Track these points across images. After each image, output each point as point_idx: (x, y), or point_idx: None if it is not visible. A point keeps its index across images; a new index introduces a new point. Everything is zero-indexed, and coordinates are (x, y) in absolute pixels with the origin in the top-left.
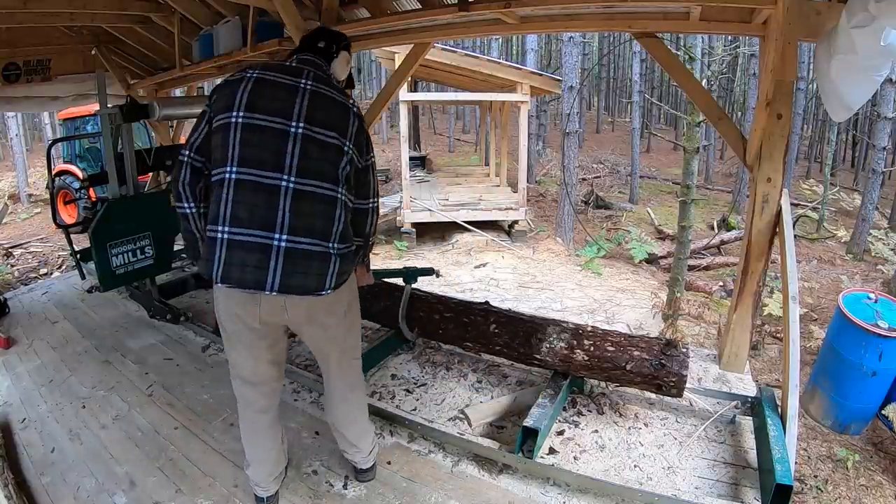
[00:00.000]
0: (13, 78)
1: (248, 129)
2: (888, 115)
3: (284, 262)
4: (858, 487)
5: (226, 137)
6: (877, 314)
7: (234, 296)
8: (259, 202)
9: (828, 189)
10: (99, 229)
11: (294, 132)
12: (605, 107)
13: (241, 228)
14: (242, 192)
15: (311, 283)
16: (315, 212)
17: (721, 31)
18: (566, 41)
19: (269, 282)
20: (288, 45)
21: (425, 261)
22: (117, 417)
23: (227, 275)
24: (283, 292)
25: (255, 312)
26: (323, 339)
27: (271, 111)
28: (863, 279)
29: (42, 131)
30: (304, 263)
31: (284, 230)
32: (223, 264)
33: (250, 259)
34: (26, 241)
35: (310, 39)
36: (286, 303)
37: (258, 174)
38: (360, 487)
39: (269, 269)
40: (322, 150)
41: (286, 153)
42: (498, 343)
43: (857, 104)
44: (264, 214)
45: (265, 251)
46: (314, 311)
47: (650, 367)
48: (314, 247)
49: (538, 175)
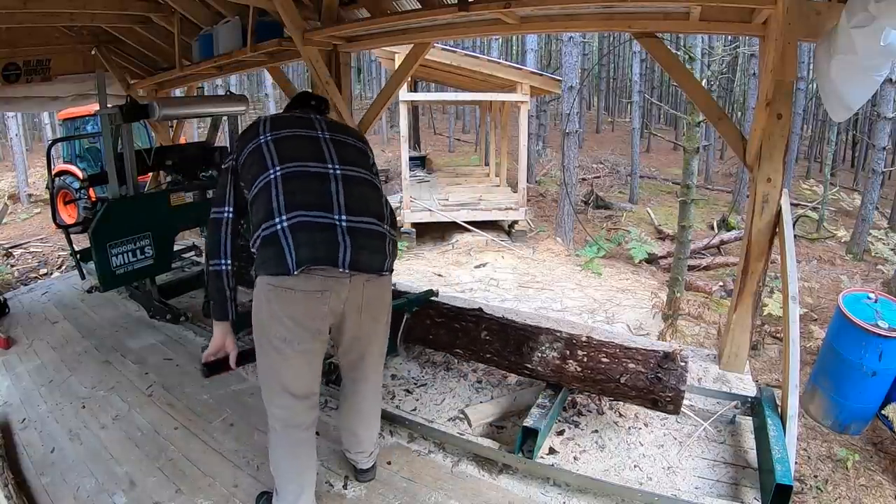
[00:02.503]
0: (13, 78)
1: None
2: (888, 115)
3: (352, 240)
4: (858, 487)
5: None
6: (877, 314)
7: (301, 286)
8: (312, 187)
9: (828, 189)
10: (99, 229)
11: (324, 137)
12: (605, 107)
13: (301, 211)
14: (292, 181)
15: (378, 261)
16: (365, 193)
17: (721, 31)
18: (566, 41)
19: (341, 258)
20: (288, 45)
21: (425, 261)
22: (117, 417)
23: (298, 257)
24: (353, 269)
25: (318, 303)
26: (371, 331)
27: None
28: (863, 279)
29: (42, 131)
30: (367, 242)
31: (343, 210)
32: (293, 248)
33: (319, 237)
34: (26, 241)
35: (300, 99)
36: (351, 286)
37: (302, 165)
38: (360, 487)
39: (339, 245)
40: (353, 149)
41: (323, 150)
42: (489, 351)
43: (857, 104)
44: (320, 198)
45: (332, 230)
46: (372, 296)
47: (645, 380)
48: (373, 226)
49: (538, 175)
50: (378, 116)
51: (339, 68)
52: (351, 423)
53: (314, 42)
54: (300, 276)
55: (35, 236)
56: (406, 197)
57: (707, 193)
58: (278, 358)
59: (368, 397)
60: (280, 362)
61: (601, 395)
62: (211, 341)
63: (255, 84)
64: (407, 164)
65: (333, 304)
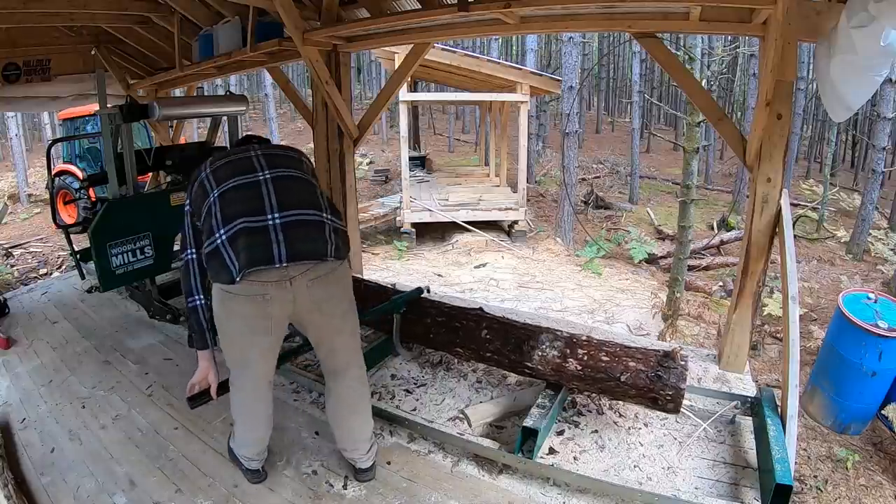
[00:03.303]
0: (13, 78)
1: (220, 170)
2: (888, 115)
3: (284, 234)
4: (858, 487)
5: (203, 189)
6: (876, 314)
7: (247, 289)
8: (246, 196)
9: (827, 189)
10: (99, 229)
11: (256, 154)
12: (605, 107)
13: (236, 219)
14: (227, 197)
15: (316, 246)
16: (295, 188)
17: (721, 31)
18: (566, 41)
19: (277, 254)
20: (288, 45)
21: (425, 261)
22: (117, 417)
23: (240, 262)
24: (291, 261)
25: (266, 306)
26: (329, 326)
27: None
28: (862, 279)
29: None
30: (301, 232)
31: (274, 209)
32: (234, 254)
33: (255, 240)
34: (26, 241)
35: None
36: (292, 275)
37: (236, 180)
38: (359, 487)
39: (272, 242)
40: (283, 158)
41: (255, 164)
42: (489, 349)
43: (857, 104)
44: (253, 204)
45: (265, 231)
46: (321, 295)
47: (646, 378)
48: (307, 216)
49: (538, 175)
50: (378, 116)
51: (339, 68)
52: (339, 417)
53: (314, 42)
54: (242, 284)
55: (35, 236)
56: (406, 197)
57: (707, 193)
58: (236, 347)
59: (352, 388)
60: (238, 350)
61: (601, 393)
62: (197, 371)
63: (255, 84)
64: (407, 164)
65: (278, 309)
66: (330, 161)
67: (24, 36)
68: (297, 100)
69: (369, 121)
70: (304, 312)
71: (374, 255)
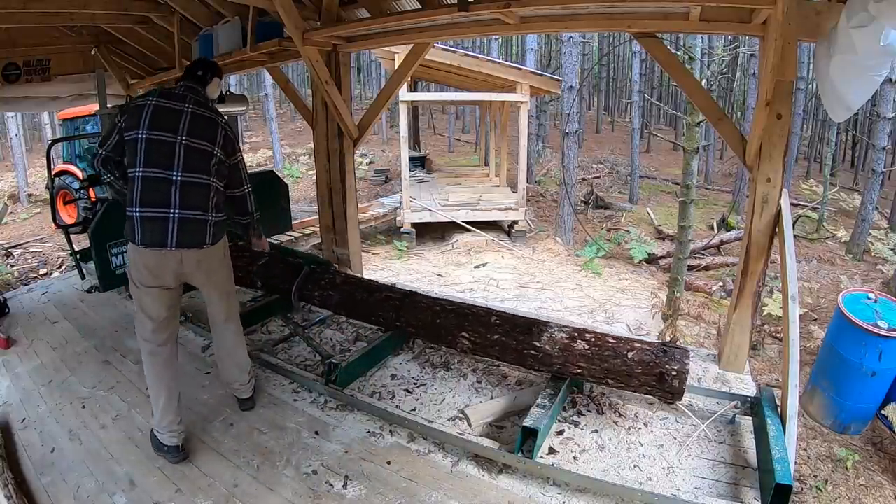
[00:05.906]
0: (13, 78)
1: (150, 142)
2: (888, 115)
3: (179, 227)
4: (858, 487)
5: (135, 147)
6: (876, 314)
7: (147, 254)
8: (160, 189)
9: (827, 189)
10: (99, 229)
11: (180, 142)
12: (605, 107)
13: (148, 208)
14: (147, 184)
15: (197, 239)
16: (195, 193)
17: (721, 31)
18: (566, 41)
19: (169, 241)
20: (288, 45)
21: (425, 261)
22: (117, 417)
23: (143, 239)
24: (178, 247)
25: (161, 265)
26: (208, 282)
27: (165, 128)
28: (862, 279)
29: (42, 131)
30: (191, 227)
31: (177, 206)
32: (140, 233)
33: (157, 227)
34: (26, 241)
35: (190, 69)
36: (182, 256)
37: (157, 171)
38: (359, 487)
39: (168, 232)
40: (198, 154)
41: (175, 156)
42: (498, 332)
43: (857, 104)
44: (163, 198)
45: (165, 221)
46: (202, 260)
47: (652, 354)
48: (196, 215)
49: (538, 175)
50: (378, 116)
51: (339, 68)
52: (220, 357)
53: (314, 42)
54: (146, 248)
55: (35, 236)
56: (406, 197)
57: (707, 193)
58: (137, 292)
59: (228, 333)
60: (139, 295)
61: (607, 375)
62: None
63: (255, 84)
64: (407, 164)
65: (168, 267)
66: (330, 161)
67: (24, 36)
68: (297, 100)
69: (369, 121)
70: (188, 272)
71: (374, 255)
